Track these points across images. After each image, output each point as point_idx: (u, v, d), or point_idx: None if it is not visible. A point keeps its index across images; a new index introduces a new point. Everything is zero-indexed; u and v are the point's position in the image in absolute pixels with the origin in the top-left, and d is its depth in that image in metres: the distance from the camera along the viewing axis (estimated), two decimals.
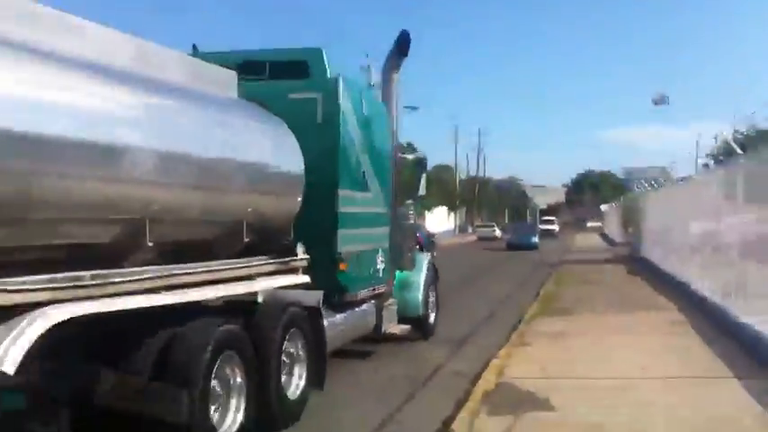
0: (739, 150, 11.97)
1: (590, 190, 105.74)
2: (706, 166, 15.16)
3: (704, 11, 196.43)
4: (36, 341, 3.86)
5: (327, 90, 7.95)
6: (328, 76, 8.15)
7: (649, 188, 27.97)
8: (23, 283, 3.99)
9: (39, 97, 4.14)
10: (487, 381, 7.93)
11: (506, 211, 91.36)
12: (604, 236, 63.17)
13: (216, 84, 6.53)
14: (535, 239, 47.47)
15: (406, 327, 10.28)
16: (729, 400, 7.11)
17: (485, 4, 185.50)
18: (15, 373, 3.70)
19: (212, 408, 5.26)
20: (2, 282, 3.88)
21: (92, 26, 5.17)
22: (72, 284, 4.22)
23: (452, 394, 7.65)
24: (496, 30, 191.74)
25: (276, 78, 8.11)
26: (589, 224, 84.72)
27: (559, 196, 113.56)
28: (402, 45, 9.56)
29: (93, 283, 4.39)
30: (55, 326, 3.97)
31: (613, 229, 55.02)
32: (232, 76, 6.96)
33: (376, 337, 9.48)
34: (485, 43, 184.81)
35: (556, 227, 73.57)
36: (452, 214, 72.81)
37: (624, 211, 48.37)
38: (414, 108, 36.88)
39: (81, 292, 4.27)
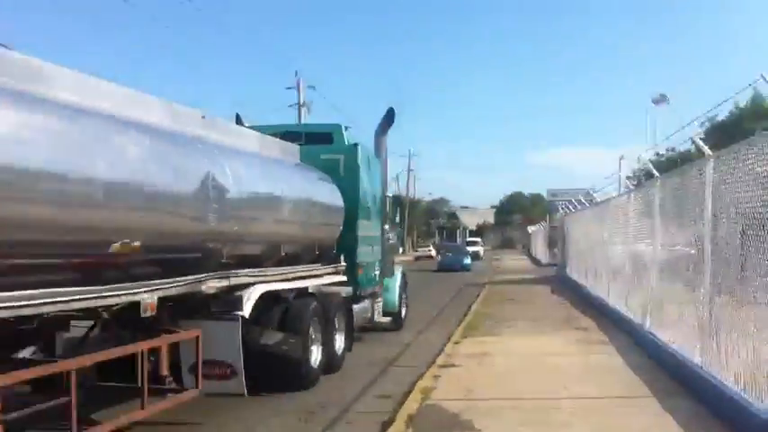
0: (656, 173, 12.43)
1: (518, 211, 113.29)
2: (627, 188, 17.07)
3: (626, 36, 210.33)
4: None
5: (348, 153, 12.56)
6: (346, 143, 12.75)
7: (572, 210, 28.99)
8: (243, 273, 8.40)
9: (255, 181, 8.57)
10: (413, 402, 8.61)
11: (436, 231, 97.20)
12: (532, 257, 67.11)
13: (292, 155, 11.03)
14: (467, 261, 49.54)
15: (388, 319, 14.89)
16: (650, 421, 7.59)
17: (413, 26, 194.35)
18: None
19: (309, 350, 9.71)
20: (234, 272, 8.27)
21: (248, 130, 9.66)
22: (262, 274, 8.68)
23: (379, 418, 8.14)
24: (427, 53, 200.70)
25: (309, 144, 12.48)
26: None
27: (488, 217, 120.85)
28: (389, 118, 14.35)
29: (267, 273, 8.86)
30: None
31: (540, 250, 58.93)
32: (297, 148, 11.42)
33: (368, 326, 13.95)
34: (415, 66, 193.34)
35: (481, 248, 75.17)
36: None
37: (550, 232, 52.34)
38: (346, 128, 39.06)
39: (265, 278, 8.74)
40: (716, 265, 8.27)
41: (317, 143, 12.63)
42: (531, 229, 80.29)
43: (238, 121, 13.03)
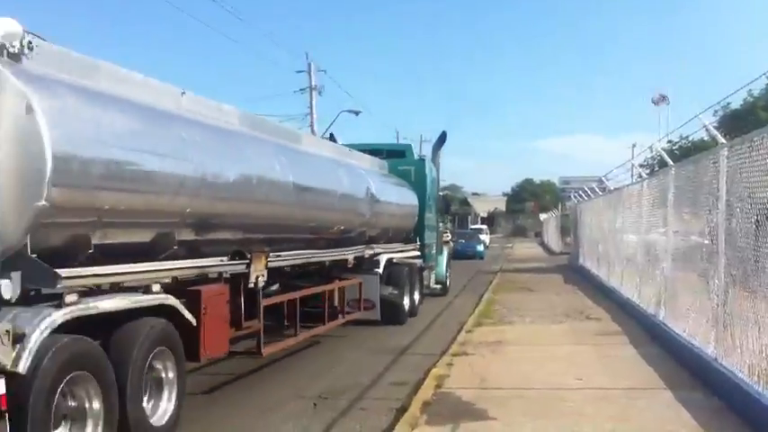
0: (670, 161, 12.85)
1: (530, 199, 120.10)
2: (640, 176, 17.97)
3: (640, 22, 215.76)
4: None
5: (417, 165, 19.39)
6: (415, 157, 19.55)
7: (585, 198, 30.57)
8: (377, 246, 15.32)
9: (381, 189, 15.31)
10: (427, 389, 9.28)
11: (448, 218, 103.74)
12: (544, 245, 71.73)
13: (385, 168, 17.76)
14: (481, 248, 52.45)
15: (439, 286, 21.94)
16: (663, 412, 7.96)
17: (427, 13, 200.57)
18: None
19: (406, 292, 16.63)
20: (371, 246, 15.06)
21: (366, 155, 16.42)
22: (386, 246, 15.64)
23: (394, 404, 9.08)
24: (439, 42, 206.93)
25: (389, 158, 19.02)
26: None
27: (500, 205, 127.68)
28: (442, 139, 21.50)
29: (385, 247, 15.79)
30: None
31: (552, 238, 63.66)
32: (385, 163, 18.10)
33: (426, 291, 20.62)
34: (427, 55, 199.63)
35: (486, 237, 73.51)
36: None
37: (562, 220, 56.22)
38: (356, 113, 41.57)
39: (386, 250, 15.66)
40: (730, 255, 8.63)
41: (394, 157, 19.26)
42: (542, 216, 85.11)
43: (332, 139, 19.73)
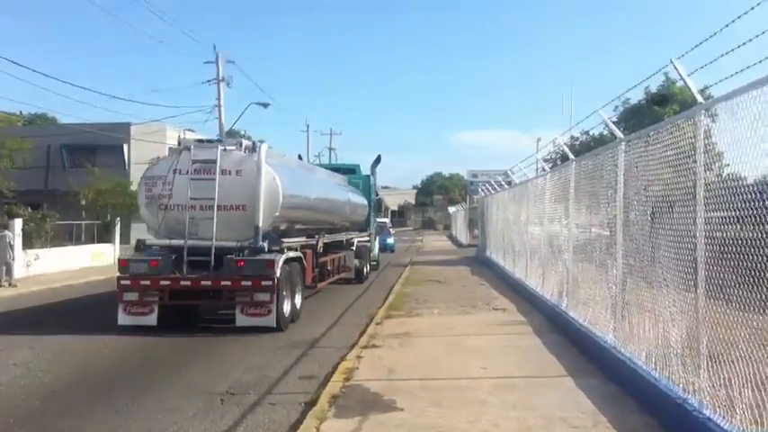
0: (571, 155, 13.74)
1: (439, 192, 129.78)
2: (543, 170, 18.98)
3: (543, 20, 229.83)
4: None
5: (364, 179, 33.12)
6: (362, 173, 33.26)
7: (492, 191, 33.87)
8: (352, 233, 28.53)
9: (351, 197, 27.27)
10: (336, 382, 10.12)
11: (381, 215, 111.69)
12: (452, 238, 78.96)
13: (344, 181, 30.35)
14: (391, 241, 57.63)
15: (375, 262, 35.42)
16: (564, 398, 9.01)
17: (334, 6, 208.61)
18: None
19: (365, 263, 29.84)
20: (349, 233, 28.07)
21: (338, 174, 28.37)
22: (355, 234, 29.02)
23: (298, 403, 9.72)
24: (348, 35, 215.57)
25: (344, 174, 31.59)
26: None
27: (410, 198, 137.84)
28: (377, 160, 35.06)
29: (355, 234, 28.82)
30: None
31: (461, 231, 69.70)
32: (345, 177, 30.05)
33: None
34: (336, 46, 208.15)
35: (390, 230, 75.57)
36: None
37: (470, 213, 63.65)
38: (265, 105, 45.38)
39: (357, 236, 28.34)
40: (627, 246, 9.59)
41: (347, 173, 31.74)
42: (451, 210, 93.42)
43: (300, 158, 29.53)
